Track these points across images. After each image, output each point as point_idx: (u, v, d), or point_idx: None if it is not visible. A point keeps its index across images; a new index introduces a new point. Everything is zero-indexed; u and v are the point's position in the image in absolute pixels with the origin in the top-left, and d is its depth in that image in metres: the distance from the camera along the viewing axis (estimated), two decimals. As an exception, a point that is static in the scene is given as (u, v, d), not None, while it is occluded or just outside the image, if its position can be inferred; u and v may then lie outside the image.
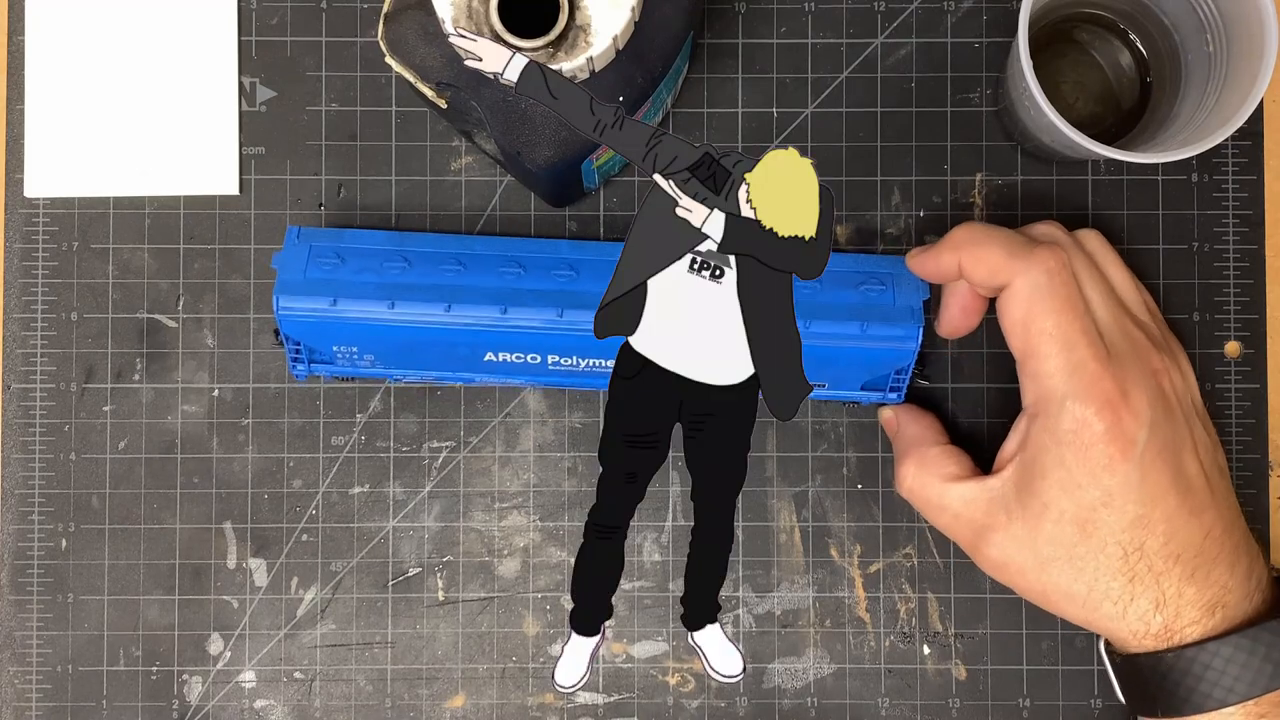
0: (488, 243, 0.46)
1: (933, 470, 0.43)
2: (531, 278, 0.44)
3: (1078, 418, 0.39)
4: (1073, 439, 0.39)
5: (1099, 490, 0.39)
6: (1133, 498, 0.40)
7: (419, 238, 0.46)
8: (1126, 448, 0.39)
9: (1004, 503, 0.41)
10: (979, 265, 0.41)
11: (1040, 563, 0.41)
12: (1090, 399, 0.39)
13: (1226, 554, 0.41)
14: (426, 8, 0.38)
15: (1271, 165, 0.48)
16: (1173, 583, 0.40)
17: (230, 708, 0.48)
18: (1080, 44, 0.48)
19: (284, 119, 0.49)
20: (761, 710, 0.48)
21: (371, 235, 0.46)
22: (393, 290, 0.43)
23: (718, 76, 0.49)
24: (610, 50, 0.37)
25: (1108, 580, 0.40)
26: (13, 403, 0.48)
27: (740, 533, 0.48)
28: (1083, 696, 0.48)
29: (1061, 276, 0.40)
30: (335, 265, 0.44)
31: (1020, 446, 0.41)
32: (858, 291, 0.44)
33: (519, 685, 0.48)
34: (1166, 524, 0.40)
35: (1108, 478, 0.39)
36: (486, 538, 0.48)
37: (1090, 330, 0.40)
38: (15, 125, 0.48)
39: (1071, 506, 0.40)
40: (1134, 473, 0.39)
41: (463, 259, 0.45)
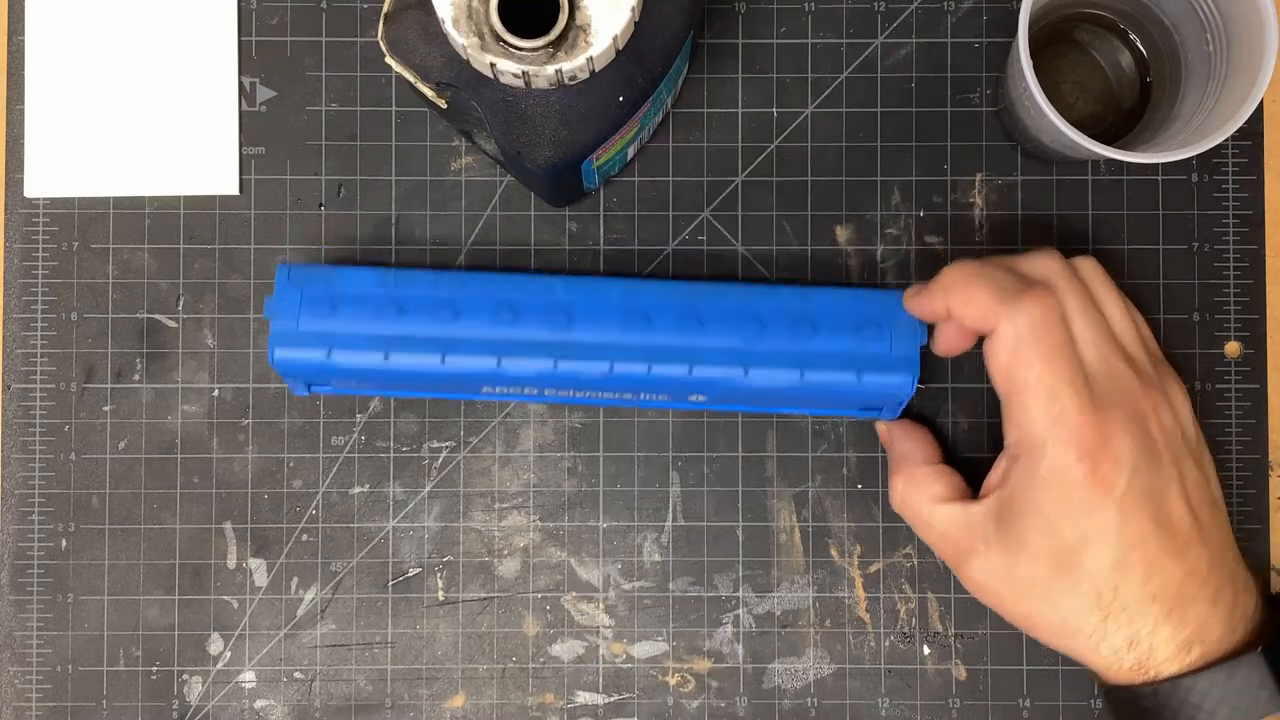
0: (481, 282, 0.45)
1: (921, 489, 0.44)
2: (525, 324, 0.44)
3: (1057, 465, 0.40)
4: (1051, 484, 0.40)
5: (1076, 534, 0.40)
6: (1110, 542, 0.40)
7: (412, 277, 0.45)
8: (1105, 494, 0.39)
9: (984, 532, 0.42)
10: (967, 308, 0.41)
11: (1016, 592, 0.41)
12: (1070, 447, 0.39)
13: (1210, 591, 0.41)
14: (426, 8, 0.38)
15: (1271, 165, 0.48)
16: (1148, 622, 0.40)
17: (230, 708, 0.48)
18: (1080, 44, 0.48)
19: (284, 119, 0.49)
20: (761, 710, 0.48)
21: (363, 276, 0.45)
22: (387, 342, 0.44)
23: (718, 76, 0.49)
24: (610, 50, 0.37)
25: (1081, 616, 0.40)
26: (13, 403, 0.48)
27: (740, 533, 0.48)
28: (1083, 696, 0.48)
29: (1047, 324, 0.40)
30: (328, 314, 0.44)
31: (1001, 482, 0.42)
32: (855, 338, 0.44)
33: (519, 685, 0.48)
34: (1145, 567, 0.40)
35: (1085, 522, 0.39)
36: (486, 538, 0.48)
37: (1076, 378, 0.40)
38: (15, 125, 0.48)
39: (1048, 546, 0.40)
40: (1112, 518, 0.39)
41: (456, 304, 0.44)
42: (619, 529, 0.48)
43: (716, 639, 0.48)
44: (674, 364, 0.44)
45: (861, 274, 0.48)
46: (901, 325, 0.44)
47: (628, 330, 0.44)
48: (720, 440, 0.48)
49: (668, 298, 0.44)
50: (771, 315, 0.44)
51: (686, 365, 0.44)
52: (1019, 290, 0.40)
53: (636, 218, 0.49)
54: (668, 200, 0.49)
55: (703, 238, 0.48)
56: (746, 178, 0.49)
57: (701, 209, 0.49)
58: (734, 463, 0.48)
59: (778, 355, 0.44)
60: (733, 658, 0.48)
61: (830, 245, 0.48)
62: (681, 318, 0.44)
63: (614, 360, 0.44)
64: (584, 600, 0.48)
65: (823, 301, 0.45)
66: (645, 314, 0.44)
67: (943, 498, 0.43)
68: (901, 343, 0.44)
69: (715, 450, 0.48)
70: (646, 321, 0.44)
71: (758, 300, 0.44)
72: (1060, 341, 0.40)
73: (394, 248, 0.48)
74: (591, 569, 0.48)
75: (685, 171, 0.49)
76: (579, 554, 0.48)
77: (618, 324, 0.44)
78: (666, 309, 0.44)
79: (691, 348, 0.44)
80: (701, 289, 0.45)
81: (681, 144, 0.49)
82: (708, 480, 0.48)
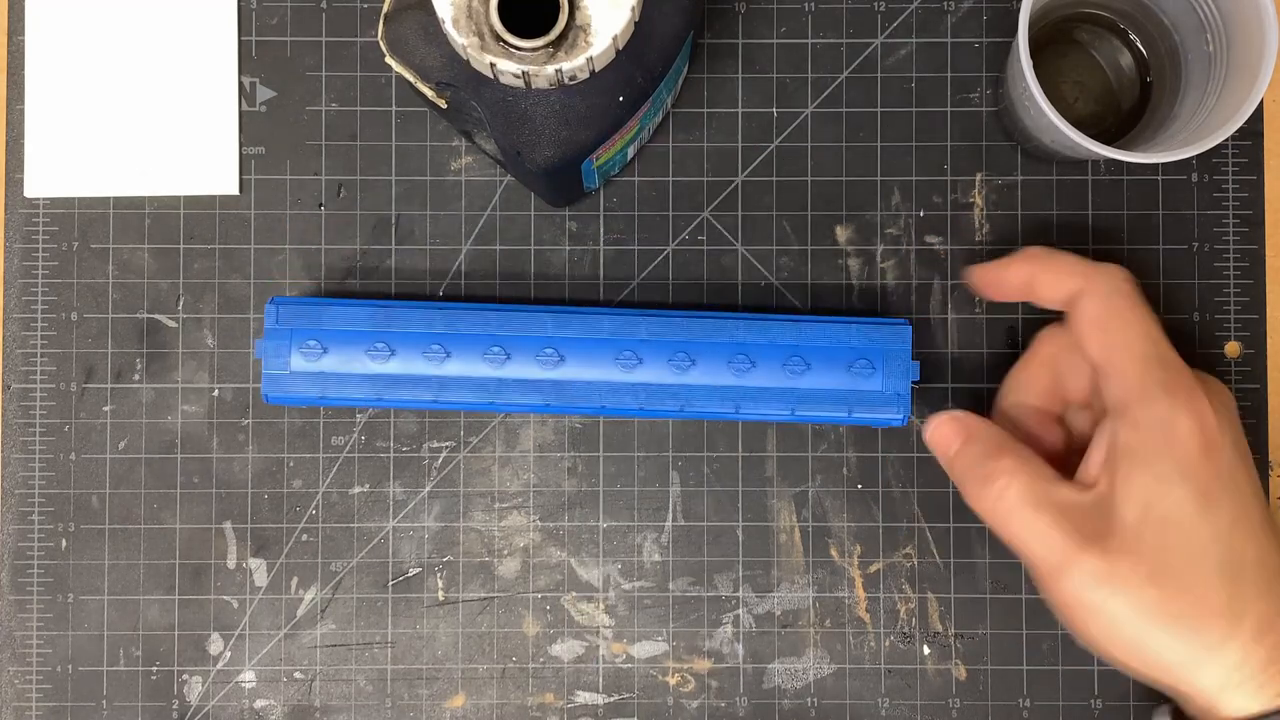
0: (472, 320, 0.45)
1: (1038, 467, 0.40)
2: (517, 362, 0.45)
3: (1168, 407, 0.39)
4: (1165, 428, 0.39)
5: (1196, 486, 0.38)
6: (1226, 499, 0.38)
7: (403, 315, 0.45)
8: (1212, 444, 0.39)
9: (1103, 511, 0.39)
10: (1055, 274, 0.42)
11: (1146, 575, 0.38)
12: (1178, 389, 0.39)
13: None
14: (426, 8, 0.38)
15: (1271, 165, 0.48)
16: (1277, 601, 0.38)
17: (230, 708, 0.48)
18: (1080, 44, 0.48)
19: (284, 119, 0.49)
20: (761, 710, 0.48)
21: (354, 313, 0.45)
22: (378, 383, 0.45)
23: (718, 76, 0.49)
24: (610, 50, 0.37)
25: (1215, 593, 0.38)
26: (13, 403, 0.48)
27: (740, 533, 0.48)
28: (1083, 696, 0.48)
29: (1133, 285, 0.41)
30: (320, 354, 0.45)
31: (1109, 448, 0.40)
32: (847, 373, 0.45)
33: (519, 685, 0.48)
34: (1260, 535, 0.39)
35: (1203, 472, 0.38)
36: (486, 538, 0.48)
37: (1164, 338, 0.41)
38: (15, 125, 0.48)
39: (1172, 505, 0.38)
40: (1225, 471, 0.39)
41: (447, 344, 0.45)
42: (619, 529, 0.48)
43: (716, 639, 0.48)
44: (665, 400, 0.45)
45: (862, 274, 0.48)
46: (894, 361, 0.45)
47: (618, 368, 0.45)
48: (720, 440, 0.48)
49: (659, 333, 0.45)
50: (763, 351, 0.45)
51: (678, 403, 0.45)
52: (1098, 263, 0.42)
53: (636, 218, 0.49)
54: (668, 200, 0.49)
55: (703, 238, 0.48)
56: (746, 178, 0.49)
57: (701, 209, 0.49)
58: (734, 463, 0.48)
59: (769, 393, 0.45)
60: (733, 658, 0.48)
61: (830, 245, 0.48)
62: (673, 355, 0.45)
63: (605, 399, 0.45)
64: (584, 600, 0.48)
65: (815, 335, 0.45)
66: (636, 351, 0.45)
67: (1059, 477, 0.40)
68: (894, 380, 0.45)
69: (715, 450, 0.48)
70: (637, 360, 0.45)
71: (749, 335, 0.45)
72: (1145, 303, 0.41)
73: (394, 248, 0.48)
74: (591, 569, 0.48)
75: (685, 171, 0.49)
76: (579, 554, 0.48)
77: (608, 361, 0.45)
78: (657, 346, 0.45)
79: (682, 385, 0.45)
80: (693, 324, 0.45)
81: (681, 144, 0.49)
82: (708, 480, 0.48)
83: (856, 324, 0.45)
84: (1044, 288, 0.42)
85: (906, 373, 0.45)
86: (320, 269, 0.48)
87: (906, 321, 0.45)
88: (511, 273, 0.48)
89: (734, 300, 0.48)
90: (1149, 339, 0.40)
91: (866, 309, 0.48)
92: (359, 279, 0.48)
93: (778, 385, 0.45)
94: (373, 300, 0.46)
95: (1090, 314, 0.41)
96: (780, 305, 0.48)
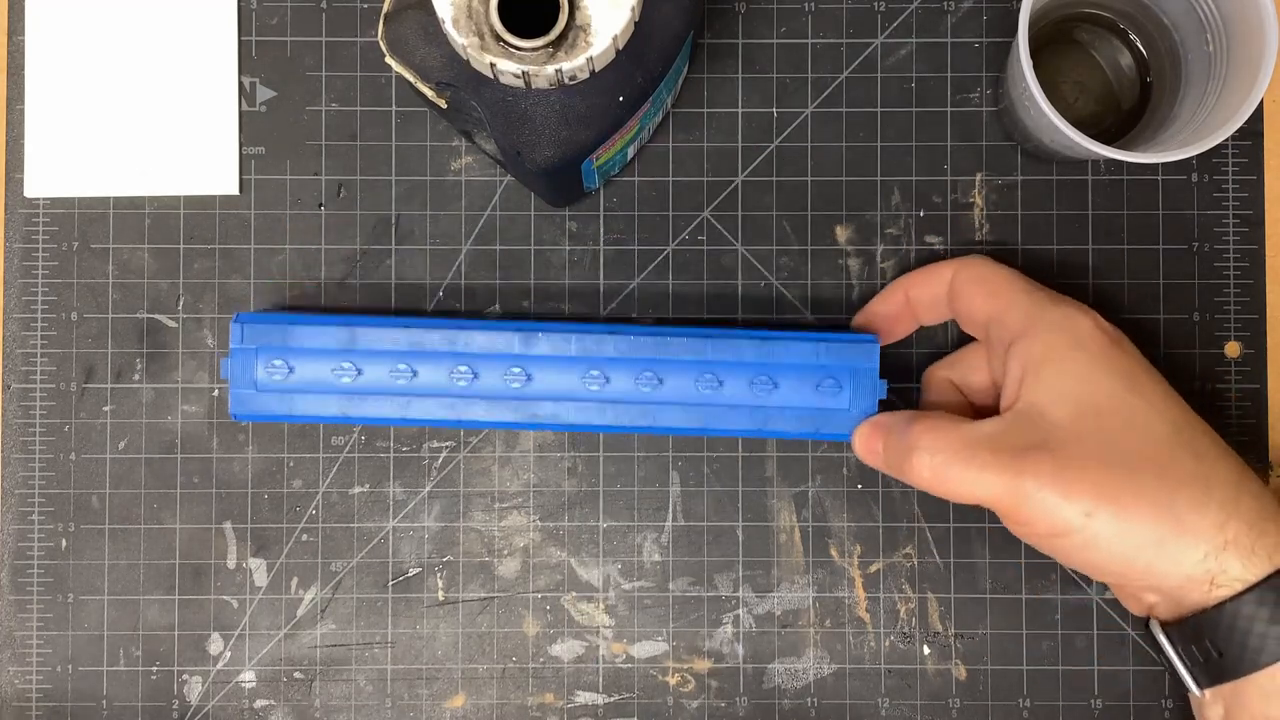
0: (440, 338, 0.44)
1: (950, 422, 0.40)
2: (484, 381, 0.44)
3: (1065, 314, 0.40)
4: (1069, 328, 0.40)
5: (1118, 372, 0.39)
6: (1148, 379, 0.39)
7: (368, 330, 0.44)
8: (1115, 339, 0.40)
9: (1035, 422, 0.38)
10: (922, 277, 0.45)
11: (1098, 459, 0.37)
12: (1066, 301, 0.41)
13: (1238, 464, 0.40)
14: (426, 8, 0.38)
15: (1271, 165, 0.48)
16: (1234, 464, 0.38)
17: (230, 708, 0.48)
18: (1080, 44, 0.48)
19: (284, 119, 0.49)
20: (761, 710, 0.48)
21: (318, 330, 0.44)
22: (345, 402, 0.45)
23: (718, 76, 0.49)
24: (610, 50, 0.37)
25: (1176, 461, 0.37)
26: (13, 403, 0.48)
27: (740, 533, 0.48)
28: (1083, 697, 0.48)
29: (991, 259, 0.44)
30: (285, 373, 0.44)
31: (1023, 367, 0.40)
32: (815, 391, 0.44)
33: (519, 685, 0.48)
34: (1185, 413, 0.39)
35: (1118, 358, 0.39)
36: (486, 538, 0.48)
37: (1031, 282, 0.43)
38: (15, 125, 0.49)
39: (1102, 391, 0.38)
40: (1136, 357, 0.40)
41: (415, 363, 0.44)
42: (619, 529, 0.48)
43: (716, 639, 0.48)
44: (633, 418, 0.45)
45: (861, 274, 0.48)
46: (862, 379, 0.44)
47: (586, 387, 0.44)
48: (720, 440, 0.48)
49: (626, 352, 0.44)
50: (730, 369, 0.44)
51: (647, 419, 0.45)
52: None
53: (636, 218, 0.49)
54: (668, 200, 0.49)
55: (703, 238, 0.48)
56: (746, 178, 0.49)
57: (701, 209, 0.49)
58: (734, 463, 0.48)
59: (736, 411, 0.45)
60: (733, 658, 0.48)
61: (830, 245, 0.48)
62: (640, 373, 0.44)
63: (573, 416, 0.45)
64: (584, 600, 0.48)
65: (783, 353, 0.44)
66: (604, 371, 0.44)
67: (972, 422, 0.40)
68: (861, 398, 0.44)
69: (715, 450, 0.48)
70: (605, 380, 0.44)
71: (716, 353, 0.44)
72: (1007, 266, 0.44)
73: (394, 248, 0.48)
74: (591, 569, 0.48)
75: (685, 171, 0.49)
76: (579, 554, 0.48)
77: (576, 380, 0.44)
78: (625, 365, 0.44)
79: (650, 403, 0.45)
80: (660, 342, 0.44)
81: (681, 144, 0.49)
82: (708, 480, 0.48)
83: (825, 341, 0.44)
84: (920, 293, 0.45)
85: (874, 390, 0.44)
86: (320, 269, 0.48)
87: (875, 338, 0.45)
88: (511, 273, 0.49)
89: (734, 300, 0.48)
90: (1025, 281, 0.43)
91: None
92: (359, 279, 0.48)
93: (745, 403, 0.44)
94: (339, 316, 0.45)
95: (967, 278, 0.43)
96: (780, 305, 0.48)
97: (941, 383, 0.45)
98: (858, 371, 0.44)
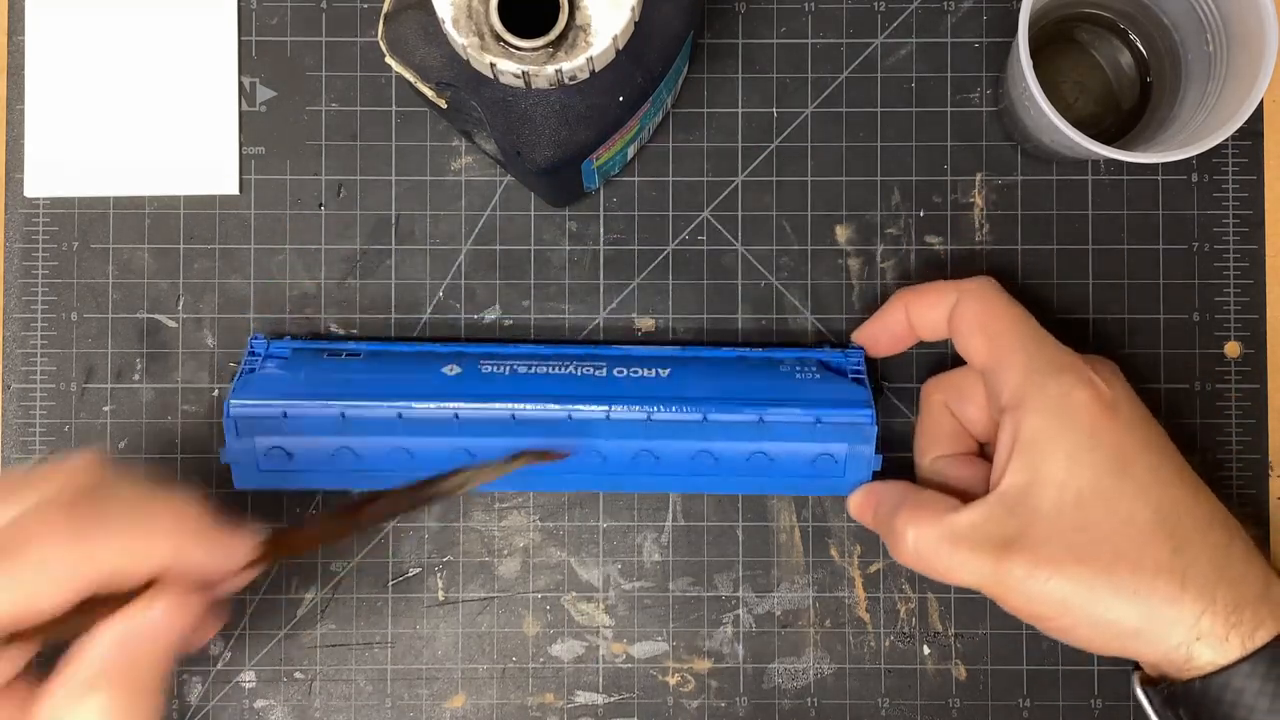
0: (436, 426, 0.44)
1: (932, 509, 0.40)
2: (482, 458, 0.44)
3: (1060, 386, 0.39)
4: (1062, 406, 0.39)
5: (1107, 452, 0.39)
6: (1140, 454, 0.39)
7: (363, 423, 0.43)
8: (1111, 405, 0.39)
9: (1017, 507, 0.39)
10: (924, 298, 0.43)
11: (1075, 555, 0.38)
12: (1065, 367, 0.40)
13: (1241, 529, 0.40)
14: (426, 8, 0.38)
15: (1271, 165, 0.48)
16: (1218, 550, 0.38)
17: (230, 708, 0.48)
18: (1080, 44, 0.48)
19: (284, 119, 0.49)
20: (761, 710, 0.48)
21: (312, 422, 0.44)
22: (346, 477, 0.45)
23: (718, 76, 0.49)
24: (610, 50, 0.37)
25: (1154, 553, 0.38)
26: (13, 403, 0.48)
27: (740, 533, 0.48)
28: (1083, 697, 0.48)
29: (997, 284, 0.43)
30: (284, 459, 0.44)
31: (1012, 442, 0.40)
32: (811, 465, 0.44)
33: (519, 685, 0.48)
34: (1182, 485, 0.39)
35: (1110, 437, 0.39)
36: (486, 538, 0.48)
37: (1038, 326, 0.42)
38: (15, 125, 0.49)
39: (1087, 477, 0.38)
40: (1133, 430, 0.39)
41: (409, 441, 0.44)
42: (619, 529, 0.48)
43: (716, 639, 0.48)
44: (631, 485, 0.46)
45: (861, 274, 0.48)
46: (858, 459, 0.44)
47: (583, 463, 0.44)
48: (720, 440, 0.48)
49: (620, 433, 0.44)
50: (726, 451, 0.44)
51: (644, 486, 0.46)
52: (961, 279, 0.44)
53: (636, 218, 0.49)
54: (668, 200, 0.49)
55: (703, 238, 0.48)
56: (746, 178, 0.49)
57: (701, 209, 0.49)
58: (734, 463, 0.48)
59: (733, 480, 0.45)
60: (733, 658, 0.48)
61: (830, 245, 0.48)
62: (636, 454, 0.44)
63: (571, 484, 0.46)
64: (584, 600, 0.48)
65: (779, 432, 0.44)
66: (599, 450, 0.44)
67: (959, 506, 0.40)
68: (856, 472, 0.45)
69: (715, 450, 0.48)
70: (602, 458, 0.44)
71: (711, 438, 0.44)
72: (1012, 299, 0.42)
73: (394, 248, 0.48)
74: (591, 569, 0.48)
75: (685, 171, 0.49)
76: (579, 554, 0.48)
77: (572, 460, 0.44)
78: (622, 430, 0.44)
79: (646, 474, 0.45)
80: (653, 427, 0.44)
81: (681, 144, 0.49)
82: (708, 480, 0.48)
83: (821, 423, 0.43)
84: (921, 315, 0.44)
85: (869, 464, 0.44)
86: (320, 269, 0.48)
87: (871, 418, 0.43)
88: (511, 273, 0.48)
89: (734, 300, 0.48)
90: (1027, 329, 0.41)
91: (866, 310, 0.48)
92: (359, 279, 0.48)
93: (741, 474, 0.45)
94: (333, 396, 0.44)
95: (969, 316, 0.42)
96: (780, 305, 0.48)
97: (938, 408, 0.45)
98: (855, 451, 0.44)
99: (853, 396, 0.44)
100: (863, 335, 0.46)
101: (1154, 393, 0.48)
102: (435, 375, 0.45)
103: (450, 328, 0.48)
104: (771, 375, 0.45)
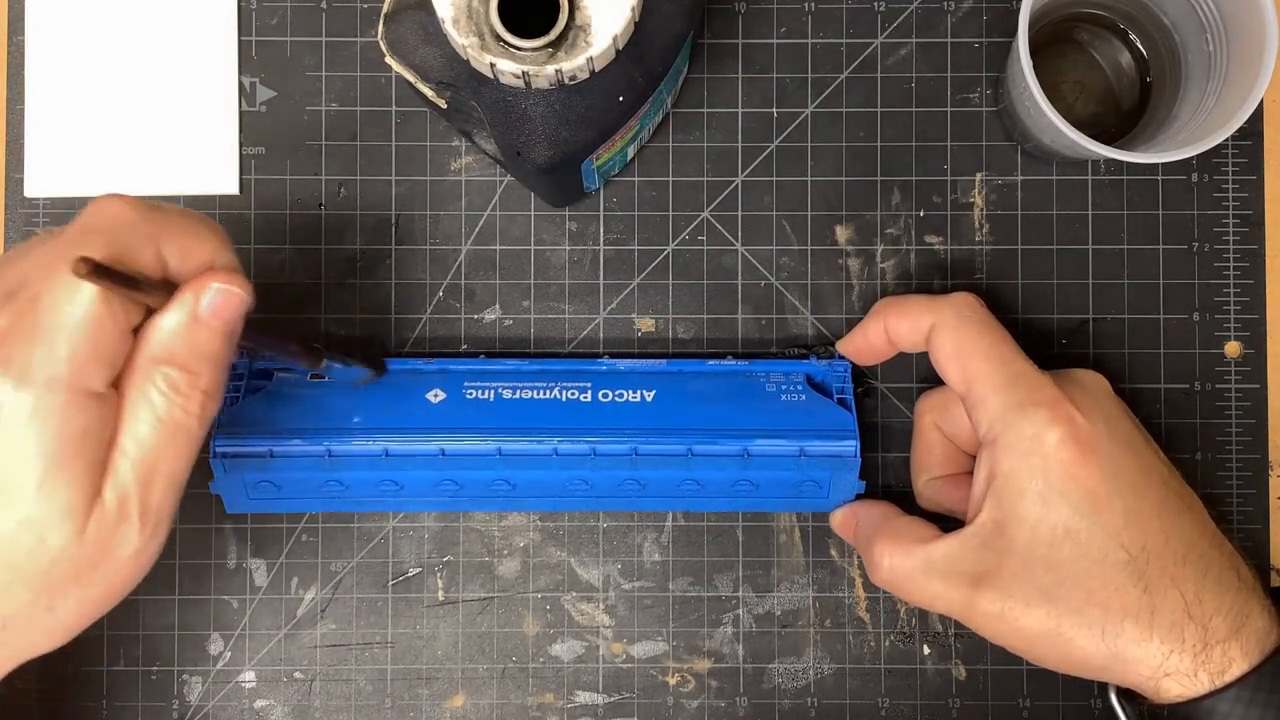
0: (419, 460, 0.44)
1: (908, 538, 0.41)
2: (469, 494, 0.45)
3: (1033, 424, 0.39)
4: (1034, 446, 0.39)
5: (1080, 493, 0.39)
6: (1116, 495, 0.39)
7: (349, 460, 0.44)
8: (1087, 445, 0.39)
9: (991, 543, 0.39)
10: (902, 318, 0.43)
11: (1044, 594, 0.38)
12: (1039, 403, 0.39)
13: (1228, 556, 0.40)
14: (426, 8, 0.38)
15: (1271, 165, 0.48)
16: (1189, 587, 0.38)
17: (230, 708, 0.48)
18: (1080, 44, 0.48)
19: (284, 119, 0.49)
20: (761, 710, 0.48)
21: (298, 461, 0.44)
22: (331, 503, 0.46)
23: (718, 76, 0.49)
24: (610, 50, 0.37)
25: (1122, 594, 0.38)
26: (13, 403, 0.48)
27: (740, 533, 0.48)
28: (1083, 696, 0.48)
29: (979, 307, 0.42)
30: (274, 491, 0.45)
31: (988, 479, 0.40)
32: (795, 490, 0.45)
33: (519, 685, 0.48)
34: (1159, 519, 0.39)
35: (1083, 477, 0.39)
36: (486, 538, 0.48)
37: (1019, 348, 0.41)
38: (15, 125, 0.48)
39: (1059, 518, 0.39)
40: (1108, 466, 0.39)
41: (396, 475, 0.44)
42: (619, 529, 0.48)
43: (716, 639, 0.48)
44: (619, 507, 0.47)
45: (861, 274, 0.48)
46: (840, 487, 0.45)
47: (570, 491, 0.45)
48: (720, 440, 0.48)
49: (608, 465, 0.44)
50: (711, 480, 0.45)
51: (633, 509, 0.47)
52: (945, 295, 0.43)
53: (636, 218, 0.49)
54: (668, 200, 0.49)
55: (703, 238, 0.48)
56: (746, 178, 0.49)
57: (701, 209, 0.49)
58: (734, 463, 0.48)
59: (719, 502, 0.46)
60: (733, 658, 0.48)
61: (830, 245, 0.48)
62: (622, 483, 0.45)
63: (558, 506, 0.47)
64: (584, 600, 0.48)
65: (764, 464, 0.44)
66: (586, 480, 0.45)
67: (934, 536, 0.41)
68: (839, 495, 0.45)
69: (715, 450, 0.48)
70: (588, 485, 0.45)
71: (695, 469, 0.44)
72: (995, 321, 0.42)
73: (394, 248, 0.48)
74: (591, 569, 0.48)
75: (685, 171, 0.49)
76: (579, 554, 0.48)
77: (558, 489, 0.45)
78: (608, 464, 0.44)
79: (635, 496, 0.45)
80: (641, 460, 0.44)
81: (681, 144, 0.49)
82: (708, 480, 0.48)
83: (806, 455, 0.44)
84: (900, 333, 0.43)
85: (852, 489, 0.45)
86: (320, 269, 0.48)
87: (855, 449, 0.44)
88: (511, 273, 0.49)
89: (734, 300, 0.48)
90: (1002, 361, 0.41)
91: (866, 310, 0.48)
92: (359, 279, 0.48)
93: (728, 497, 0.46)
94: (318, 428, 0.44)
95: (944, 349, 0.42)
96: (780, 305, 0.48)
97: (929, 429, 0.45)
98: (838, 478, 0.45)
99: (838, 425, 0.44)
100: (846, 347, 0.46)
101: (1154, 393, 0.48)
102: (420, 405, 0.45)
103: (450, 328, 0.48)
104: (757, 397, 0.45)
